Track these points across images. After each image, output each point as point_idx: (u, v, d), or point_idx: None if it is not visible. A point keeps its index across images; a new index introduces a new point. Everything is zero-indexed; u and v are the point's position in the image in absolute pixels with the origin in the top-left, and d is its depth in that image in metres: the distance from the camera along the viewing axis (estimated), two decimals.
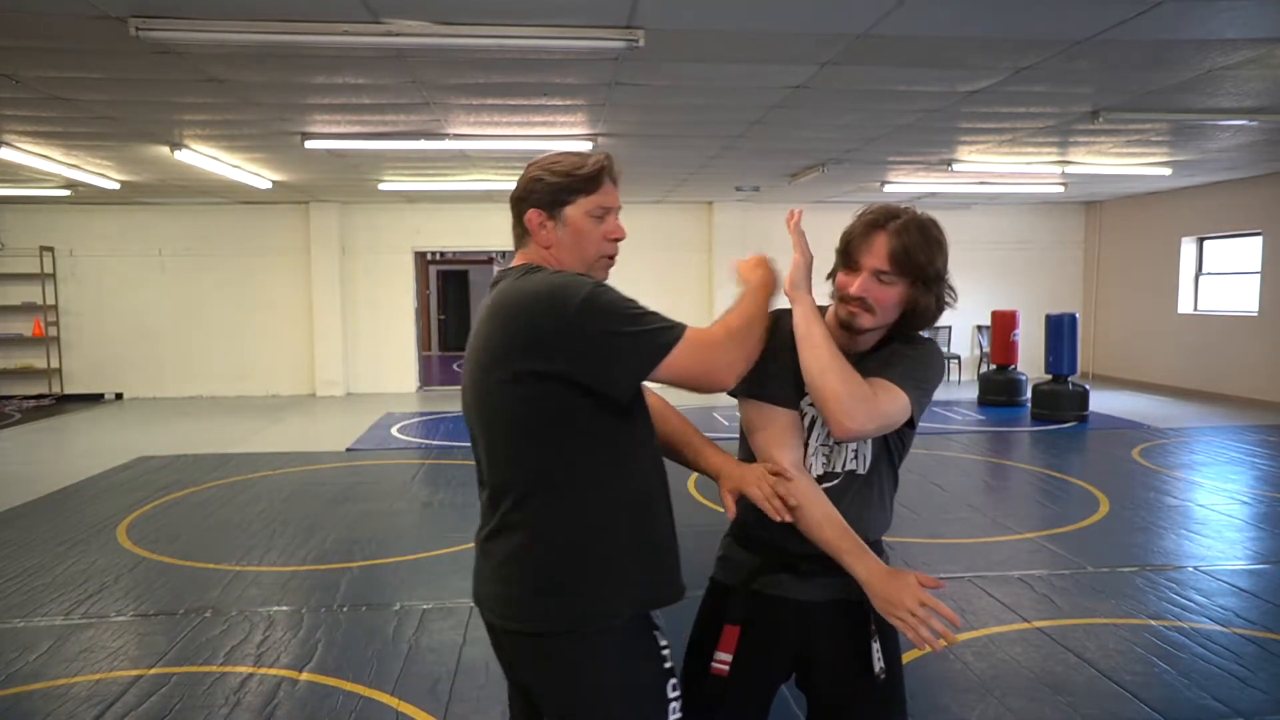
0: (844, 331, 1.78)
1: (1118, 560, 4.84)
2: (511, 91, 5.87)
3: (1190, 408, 10.58)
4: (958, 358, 13.56)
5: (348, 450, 8.30)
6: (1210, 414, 10.06)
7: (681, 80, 5.59)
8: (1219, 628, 3.91)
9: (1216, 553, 5.00)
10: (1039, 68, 5.29)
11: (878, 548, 1.83)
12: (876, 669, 1.76)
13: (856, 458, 1.81)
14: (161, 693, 3.36)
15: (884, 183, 10.60)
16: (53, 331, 12.08)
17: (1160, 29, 4.53)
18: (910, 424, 1.76)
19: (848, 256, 1.77)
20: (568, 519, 1.60)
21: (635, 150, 8.17)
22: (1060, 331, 9.90)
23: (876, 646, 1.77)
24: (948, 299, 1.79)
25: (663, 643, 1.69)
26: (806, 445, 1.81)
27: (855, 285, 1.73)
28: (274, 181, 9.99)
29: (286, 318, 12.50)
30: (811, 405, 1.78)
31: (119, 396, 12.35)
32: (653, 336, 1.55)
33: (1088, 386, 10.04)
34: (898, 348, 1.80)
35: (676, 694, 1.68)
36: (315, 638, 3.88)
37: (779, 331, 1.76)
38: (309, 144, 7.51)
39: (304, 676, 3.51)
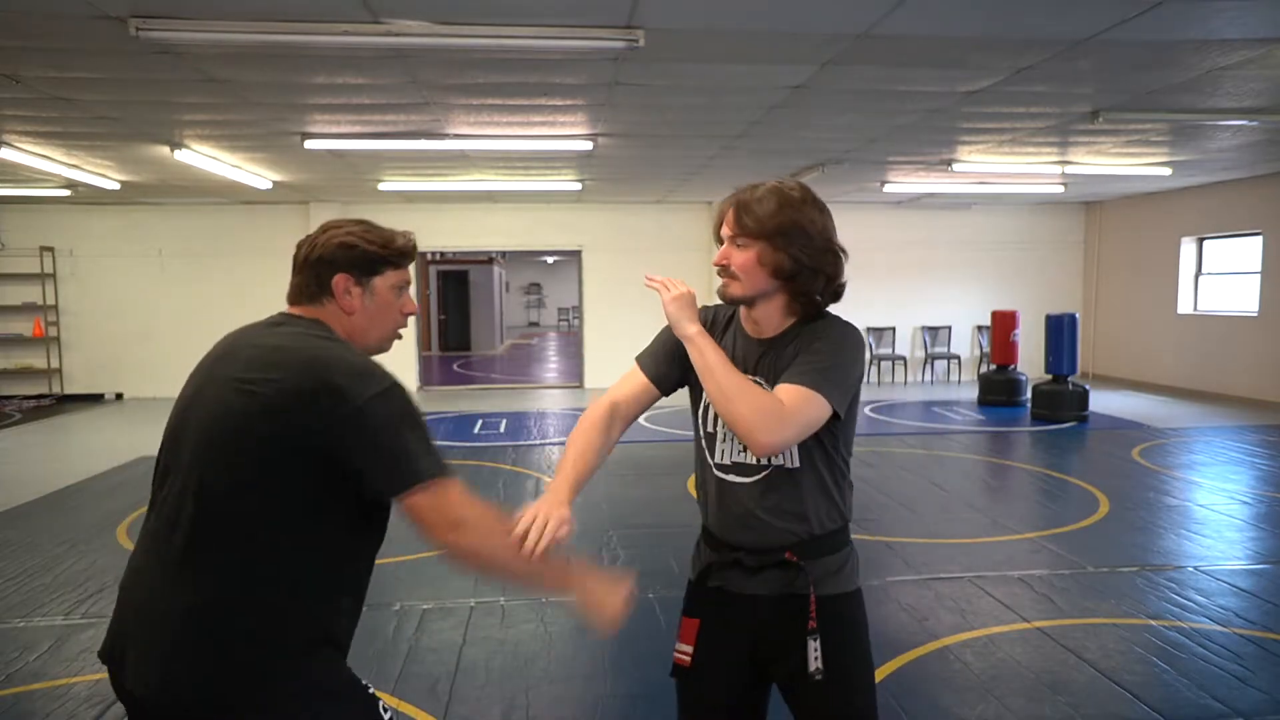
0: (751, 323, 1.85)
1: (1118, 560, 4.84)
2: (511, 91, 5.87)
3: (1190, 408, 10.58)
4: (958, 358, 13.56)
5: None
6: (1210, 414, 10.06)
7: (681, 80, 5.59)
8: (1219, 628, 3.91)
9: (1216, 553, 5.00)
10: (1039, 68, 5.29)
11: (832, 543, 1.82)
12: (811, 668, 1.73)
13: (781, 453, 1.80)
14: None
15: (884, 183, 10.60)
16: (53, 331, 12.08)
17: (1160, 29, 4.53)
18: (836, 416, 1.73)
19: (716, 232, 1.84)
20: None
21: (635, 150, 8.17)
22: (1060, 331, 9.90)
23: (814, 645, 1.74)
24: (827, 262, 1.76)
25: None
26: (713, 434, 1.86)
27: (718, 253, 1.81)
28: (274, 181, 10.00)
29: None
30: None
31: (119, 396, 12.35)
32: (417, 461, 1.50)
33: (1088, 386, 10.04)
34: (805, 336, 1.78)
35: None
36: None
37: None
38: (309, 144, 7.51)
39: None
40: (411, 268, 1.81)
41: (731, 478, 1.83)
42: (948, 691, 3.35)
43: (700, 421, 1.91)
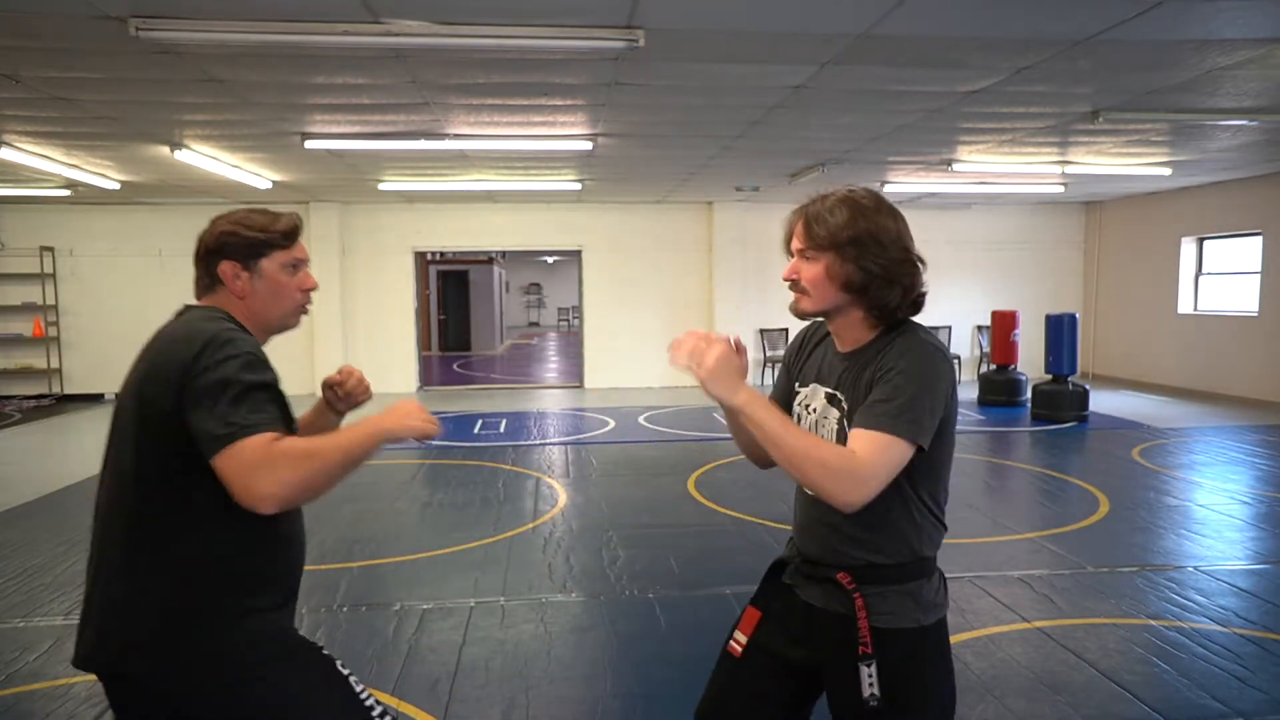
0: (836, 337, 1.79)
1: (1118, 560, 4.84)
2: (511, 91, 5.87)
3: (1190, 408, 10.58)
4: (958, 358, 13.56)
5: None
6: (1210, 414, 10.06)
7: (681, 80, 5.59)
8: (1219, 628, 3.91)
9: (1216, 553, 5.00)
10: (1039, 68, 5.29)
11: (898, 575, 1.71)
12: (866, 694, 1.64)
13: None
14: None
15: (884, 183, 10.60)
16: (53, 331, 12.08)
17: (1160, 29, 4.53)
18: (920, 449, 1.61)
19: (786, 246, 1.78)
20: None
21: (635, 150, 8.18)
22: (1060, 331, 9.89)
23: (868, 670, 1.65)
24: (901, 271, 1.66)
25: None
26: None
27: (787, 268, 1.75)
28: (274, 181, 10.00)
29: None
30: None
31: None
32: (231, 414, 1.53)
33: (1088, 386, 10.04)
34: (885, 356, 1.66)
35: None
36: (315, 638, 3.84)
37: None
38: (309, 144, 7.51)
39: None
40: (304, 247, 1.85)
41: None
42: None
43: None
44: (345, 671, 1.72)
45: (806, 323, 1.92)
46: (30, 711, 3.25)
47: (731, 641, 1.88)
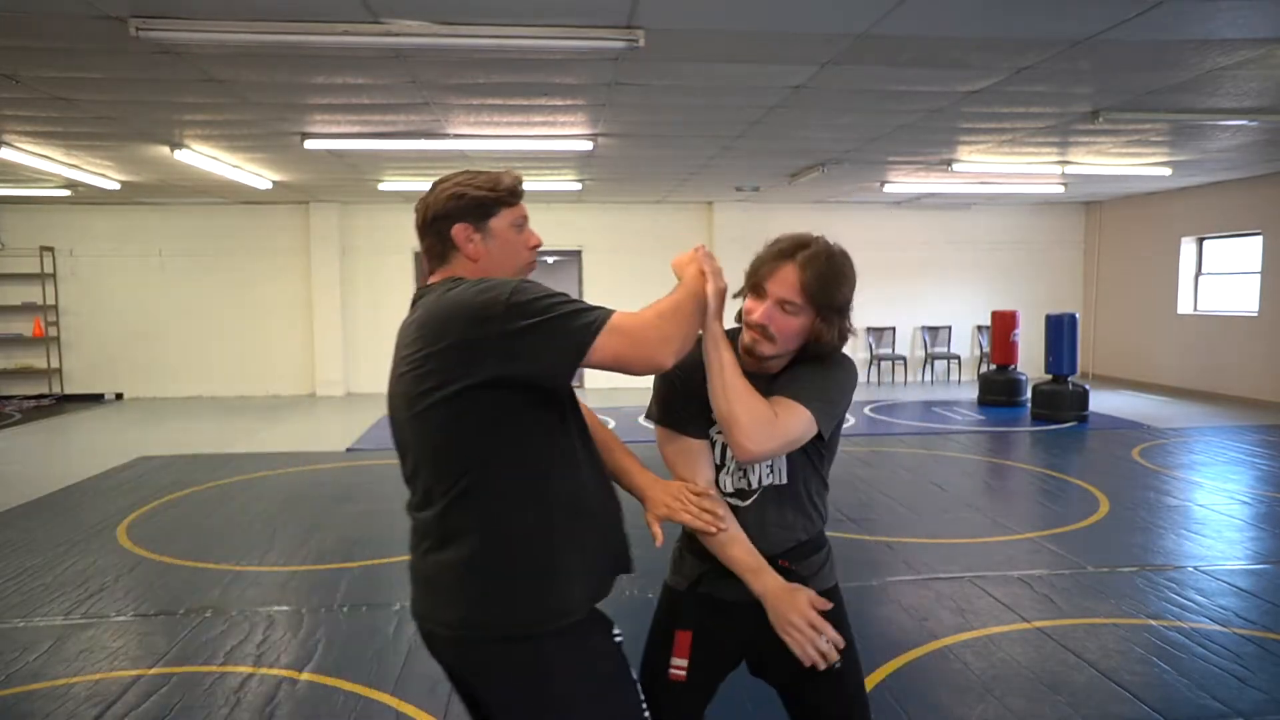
0: (755, 361, 1.84)
1: (1118, 560, 4.84)
2: (511, 91, 5.87)
3: (1190, 408, 10.58)
4: (958, 358, 13.56)
5: (348, 450, 8.31)
6: (1210, 414, 10.06)
7: (681, 80, 5.59)
8: (1219, 628, 3.91)
9: (1216, 553, 5.00)
10: (1039, 68, 5.29)
11: (814, 545, 1.93)
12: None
13: (773, 472, 1.89)
14: (161, 693, 3.36)
15: (884, 183, 10.60)
16: (53, 331, 12.07)
17: (1160, 29, 4.53)
18: (819, 437, 1.79)
19: (755, 283, 1.80)
20: (510, 522, 1.60)
21: (635, 150, 8.18)
22: (1060, 331, 9.89)
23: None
24: (849, 330, 1.82)
25: (617, 634, 1.73)
26: (721, 466, 1.90)
27: (759, 313, 1.77)
28: (274, 181, 10.00)
29: (286, 318, 12.50)
30: (719, 432, 1.85)
31: (119, 396, 12.34)
32: (579, 319, 1.54)
33: (1088, 386, 10.04)
34: (806, 363, 1.83)
35: (637, 683, 1.73)
36: (315, 638, 3.88)
37: (689, 359, 1.73)
38: (309, 144, 7.51)
39: (304, 676, 3.51)
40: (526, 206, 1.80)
41: (733, 501, 1.90)
42: (947, 691, 3.35)
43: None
44: (623, 658, 1.76)
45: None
46: (30, 711, 3.25)
47: (671, 670, 1.91)
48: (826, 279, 1.74)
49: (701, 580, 1.93)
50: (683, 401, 1.86)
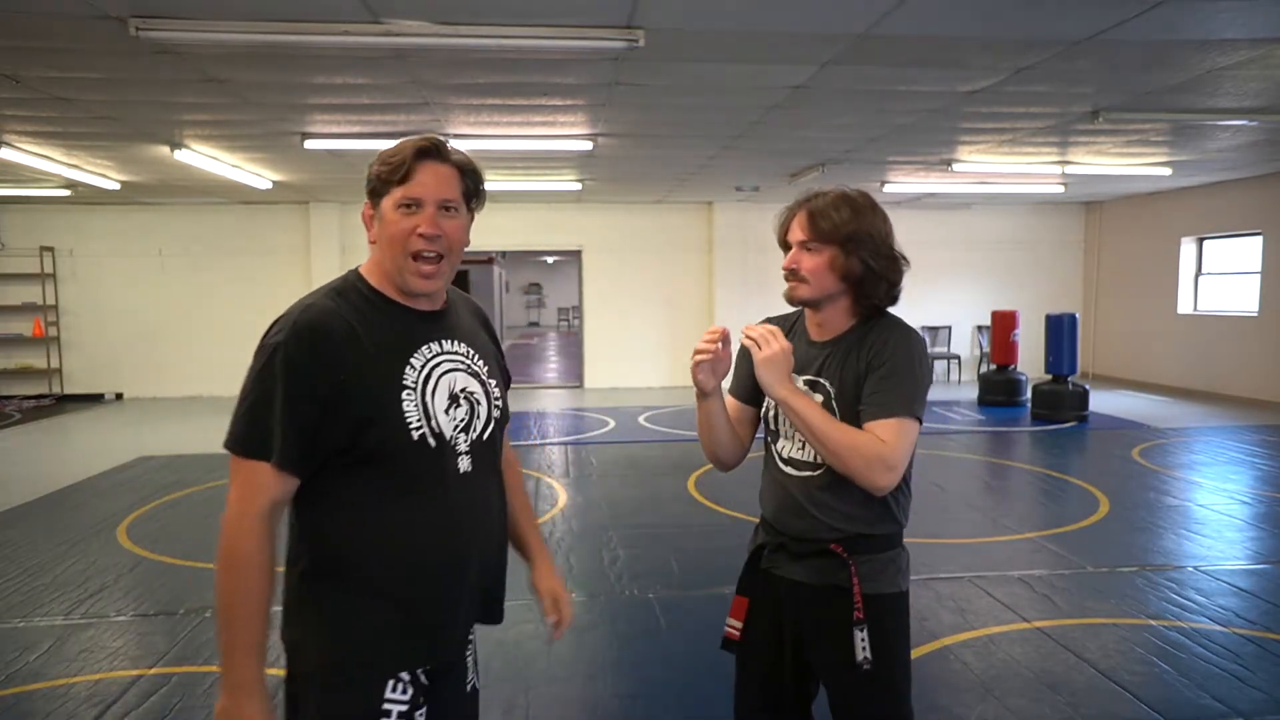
0: (815, 326, 1.92)
1: (1118, 560, 4.84)
2: (511, 91, 5.87)
3: (1190, 408, 10.58)
4: (958, 358, 13.56)
5: None
6: (1210, 414, 10.06)
7: (682, 80, 5.59)
8: (1219, 628, 3.91)
9: (1216, 553, 5.00)
10: (1039, 68, 5.29)
11: (880, 544, 1.87)
12: (859, 657, 1.79)
13: None
14: (161, 693, 3.36)
15: (884, 183, 10.60)
16: (53, 331, 12.07)
17: (1160, 29, 4.53)
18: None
19: (782, 238, 1.92)
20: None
21: (635, 150, 8.17)
22: (1060, 331, 9.89)
23: (861, 635, 1.80)
24: (890, 268, 1.85)
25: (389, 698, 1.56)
26: (779, 429, 1.96)
27: (787, 259, 1.88)
28: (274, 181, 10.00)
29: None
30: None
31: (119, 396, 12.34)
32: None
33: (1088, 386, 10.04)
34: (869, 343, 1.84)
35: None
36: None
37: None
38: (309, 144, 7.51)
39: None
40: (439, 184, 1.55)
41: (790, 470, 1.92)
42: (948, 691, 3.35)
43: (765, 418, 2.02)
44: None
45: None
46: (30, 711, 3.25)
47: (727, 628, 1.99)
48: (831, 208, 1.83)
49: (760, 554, 1.98)
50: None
